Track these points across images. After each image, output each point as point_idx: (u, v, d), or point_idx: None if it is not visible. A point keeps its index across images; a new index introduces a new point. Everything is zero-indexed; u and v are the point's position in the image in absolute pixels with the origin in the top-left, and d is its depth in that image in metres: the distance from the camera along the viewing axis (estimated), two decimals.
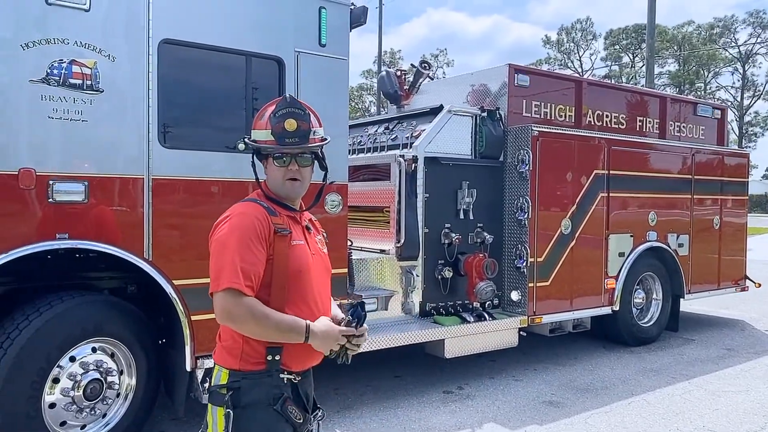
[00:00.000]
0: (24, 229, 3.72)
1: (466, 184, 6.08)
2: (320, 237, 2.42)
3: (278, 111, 2.18)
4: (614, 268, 7.03)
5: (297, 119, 2.16)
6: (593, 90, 7.45)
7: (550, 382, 6.04)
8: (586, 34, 56.74)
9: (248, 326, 2.05)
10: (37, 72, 3.74)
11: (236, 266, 2.01)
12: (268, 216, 2.14)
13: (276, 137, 2.16)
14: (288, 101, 2.20)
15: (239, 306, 2.01)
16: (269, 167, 2.24)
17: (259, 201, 2.21)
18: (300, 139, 2.16)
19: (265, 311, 2.05)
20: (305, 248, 2.22)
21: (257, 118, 2.28)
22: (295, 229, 2.21)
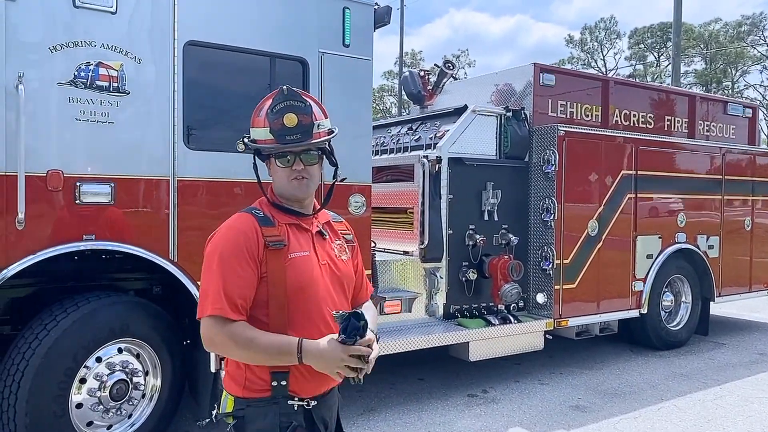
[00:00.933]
0: (51, 230, 3.76)
1: (490, 185, 6.01)
2: (340, 242, 2.17)
3: (275, 105, 1.95)
4: (642, 271, 6.89)
5: (297, 113, 1.94)
6: (620, 89, 7.32)
7: (576, 386, 5.94)
8: (610, 33, 56.03)
9: (234, 353, 1.89)
10: (64, 74, 3.78)
11: (219, 290, 1.86)
12: (259, 228, 1.94)
13: (276, 135, 1.96)
14: (285, 93, 1.96)
15: (221, 333, 1.85)
16: (272, 168, 2.05)
17: (254, 210, 2.02)
18: (302, 135, 1.96)
19: (249, 335, 1.85)
20: (309, 260, 2.00)
21: (254, 115, 2.06)
22: (298, 238, 2.00)
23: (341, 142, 4.72)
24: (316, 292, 1.98)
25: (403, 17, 35.27)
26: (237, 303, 1.87)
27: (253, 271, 1.90)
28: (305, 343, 1.86)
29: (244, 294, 1.88)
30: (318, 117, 2.00)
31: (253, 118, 2.05)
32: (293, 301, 1.94)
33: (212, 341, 1.89)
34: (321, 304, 1.98)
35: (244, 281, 1.88)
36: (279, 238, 1.95)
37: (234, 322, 1.86)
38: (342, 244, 2.17)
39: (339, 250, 2.14)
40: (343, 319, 1.82)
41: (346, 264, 2.14)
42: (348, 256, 2.16)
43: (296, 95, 1.97)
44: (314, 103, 2.02)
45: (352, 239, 2.24)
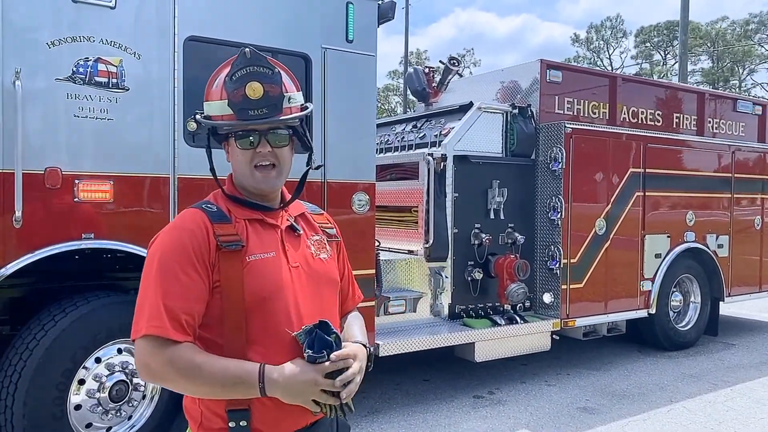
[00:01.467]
0: (50, 228, 3.69)
1: (496, 183, 5.92)
2: (318, 237, 1.79)
3: (236, 72, 1.58)
4: (650, 270, 6.79)
5: (263, 82, 1.57)
6: (628, 86, 7.22)
7: (584, 387, 5.85)
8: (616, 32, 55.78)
9: (178, 384, 1.50)
10: (63, 70, 3.71)
11: (158, 304, 1.47)
12: (211, 225, 1.57)
13: (235, 109, 1.58)
14: (248, 57, 1.59)
15: (159, 358, 1.46)
16: (232, 151, 1.66)
17: (205, 204, 1.64)
18: (270, 110, 1.58)
19: (196, 361, 1.46)
20: (276, 263, 1.61)
21: (209, 85, 1.68)
22: (261, 237, 1.64)
23: (345, 139, 4.72)
24: (285, 303, 1.59)
25: (408, 16, 35.21)
26: (181, 319, 1.48)
27: (202, 280, 1.53)
28: (268, 369, 1.48)
29: (191, 308, 1.50)
30: (289, 88, 1.65)
31: (207, 89, 1.68)
32: (255, 316, 1.55)
33: (148, 369, 1.49)
34: (292, 318, 1.59)
35: (191, 292, 1.51)
36: (234, 237, 1.58)
37: (177, 344, 1.47)
38: (321, 239, 1.79)
39: (317, 247, 1.76)
40: (307, 332, 1.49)
41: (326, 264, 1.75)
42: (329, 254, 1.78)
43: (262, 60, 1.60)
44: (284, 72, 1.67)
45: (335, 234, 1.87)
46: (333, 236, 1.86)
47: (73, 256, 3.97)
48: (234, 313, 1.55)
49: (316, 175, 4.56)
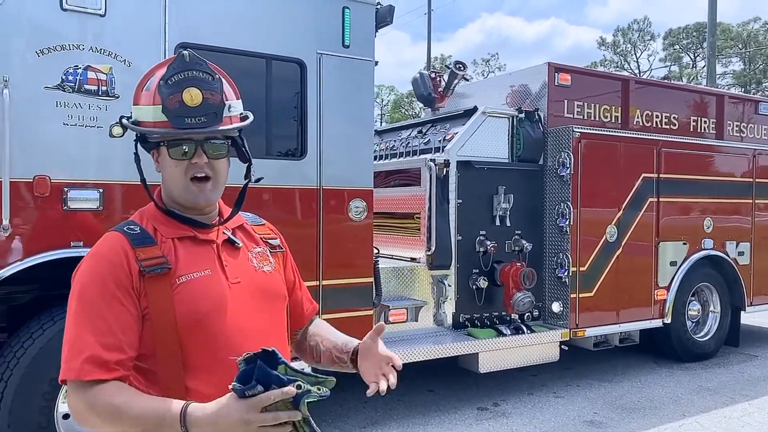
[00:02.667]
0: (39, 236, 3.69)
1: (502, 189, 5.79)
2: (260, 249, 1.67)
3: (172, 76, 1.47)
4: (665, 278, 6.56)
5: (202, 88, 1.47)
6: (642, 89, 7.02)
7: (593, 399, 5.66)
8: (643, 35, 54.92)
9: (103, 429, 1.39)
10: (52, 78, 3.71)
11: (77, 345, 1.38)
12: (132, 250, 1.45)
13: (170, 116, 1.46)
14: (187, 60, 1.48)
15: (82, 402, 1.37)
16: (163, 161, 1.52)
17: (127, 227, 1.51)
18: (208, 119, 1.48)
19: (115, 403, 1.34)
20: (212, 281, 1.50)
21: (139, 87, 1.54)
22: (194, 255, 1.52)
23: (342, 145, 4.64)
24: (225, 323, 1.47)
25: (431, 22, 35.16)
26: (105, 358, 1.36)
27: (128, 310, 1.42)
28: (191, 408, 1.31)
29: (117, 342, 1.39)
30: (230, 96, 1.55)
31: (136, 92, 1.55)
32: (191, 341, 1.44)
33: (77, 414, 1.40)
34: (234, 338, 1.47)
35: (117, 325, 1.39)
36: (159, 260, 1.45)
37: (100, 383, 1.36)
38: (263, 251, 1.67)
39: (259, 259, 1.64)
40: (246, 360, 1.27)
41: (270, 276, 1.64)
42: (273, 266, 1.67)
43: (202, 64, 1.50)
44: (224, 79, 1.57)
45: (279, 244, 1.75)
46: (277, 247, 1.74)
47: (70, 264, 3.97)
48: (166, 340, 1.43)
49: (311, 181, 4.51)
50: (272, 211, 4.16)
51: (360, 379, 1.66)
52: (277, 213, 4.24)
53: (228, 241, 1.61)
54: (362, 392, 1.54)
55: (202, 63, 1.50)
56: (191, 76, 1.47)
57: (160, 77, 1.49)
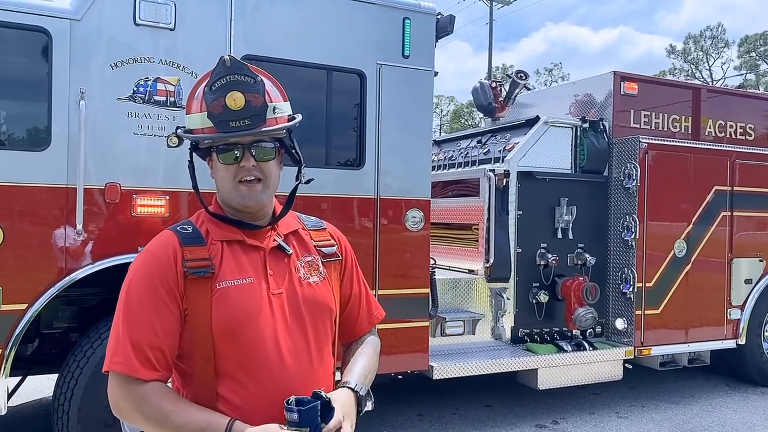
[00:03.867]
0: (108, 241, 3.85)
1: (564, 201, 5.65)
2: (310, 258, 1.64)
3: (215, 82, 1.49)
4: (739, 297, 6.22)
5: (244, 91, 1.48)
6: (714, 98, 6.71)
7: (659, 422, 5.41)
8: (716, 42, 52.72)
9: (142, 426, 1.42)
10: (124, 90, 3.88)
11: (125, 339, 1.41)
12: (181, 249, 1.48)
13: (215, 121, 1.49)
14: (228, 65, 1.49)
15: (127, 397, 1.40)
16: (215, 166, 1.56)
17: (181, 226, 1.56)
18: (252, 120, 1.49)
19: (164, 409, 1.38)
20: (252, 289, 1.50)
21: (190, 97, 1.59)
22: (239, 261, 1.53)
23: (400, 155, 4.64)
24: (260, 334, 1.47)
25: (492, 31, 34.87)
26: (149, 355, 1.41)
27: (171, 311, 1.45)
28: (236, 426, 1.36)
29: (159, 343, 1.42)
30: (274, 98, 1.54)
31: (188, 101, 1.59)
32: (224, 348, 1.46)
33: (117, 407, 1.44)
34: (270, 350, 1.47)
35: (159, 326, 1.43)
36: (204, 262, 1.47)
37: (145, 383, 1.40)
38: (313, 261, 1.64)
39: (307, 270, 1.61)
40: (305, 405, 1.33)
41: (317, 289, 1.60)
42: (322, 277, 1.63)
43: (243, 68, 1.50)
44: (269, 81, 1.57)
45: (335, 253, 1.70)
46: (331, 255, 1.69)
47: None
48: (202, 344, 1.45)
49: (369, 191, 4.52)
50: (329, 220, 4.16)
51: (414, 389, 1.63)
52: (335, 222, 4.20)
53: (278, 248, 1.60)
54: (416, 404, 1.51)
55: (243, 67, 1.51)
56: (233, 81, 1.49)
57: (205, 85, 1.53)
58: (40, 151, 3.71)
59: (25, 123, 3.86)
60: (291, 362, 1.50)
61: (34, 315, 3.66)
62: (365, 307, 1.83)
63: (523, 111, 6.93)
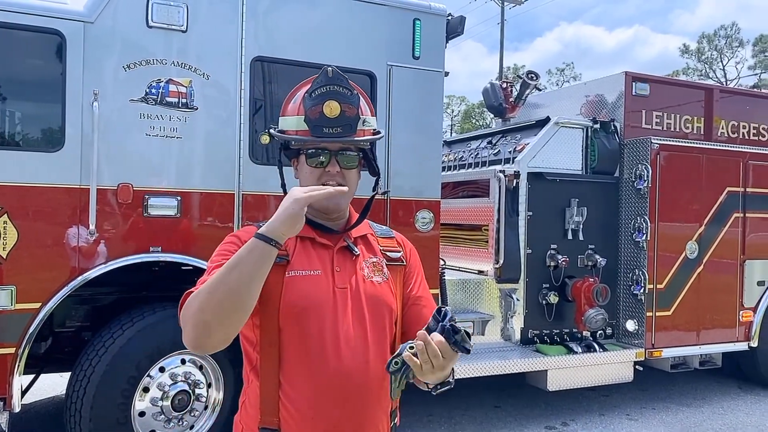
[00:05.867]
0: (121, 241, 3.89)
1: (575, 202, 5.63)
2: (375, 260, 1.72)
3: (315, 89, 1.60)
4: (752, 299, 6.18)
5: (341, 101, 1.58)
6: (727, 99, 6.66)
7: (670, 424, 5.38)
8: (731, 41, 52.24)
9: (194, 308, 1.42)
10: (137, 91, 3.92)
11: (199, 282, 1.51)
12: None
13: (311, 125, 1.59)
14: (330, 76, 1.60)
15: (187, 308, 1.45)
16: (300, 168, 1.67)
17: (261, 222, 1.58)
18: (344, 129, 1.59)
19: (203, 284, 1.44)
20: (318, 281, 1.60)
21: (287, 100, 1.70)
22: (310, 255, 1.63)
23: (410, 156, 4.65)
24: (321, 323, 1.56)
25: (503, 31, 34.77)
26: None
27: None
28: (262, 228, 1.45)
29: None
30: (364, 111, 1.65)
31: (285, 104, 1.70)
32: (286, 335, 1.56)
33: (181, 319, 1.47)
34: (327, 339, 1.56)
35: None
36: (281, 252, 1.53)
37: None
38: (378, 262, 1.71)
39: (371, 269, 1.69)
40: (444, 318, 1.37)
41: (379, 287, 1.68)
42: (384, 278, 1.70)
43: (342, 80, 1.61)
44: (361, 95, 1.67)
45: (399, 258, 1.76)
46: (395, 260, 1.76)
47: (151, 268, 4.18)
48: (268, 328, 1.56)
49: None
50: None
51: (423, 392, 1.64)
52: None
53: (346, 248, 1.69)
54: (426, 405, 1.54)
55: (343, 79, 1.62)
56: (332, 90, 1.59)
57: (306, 91, 1.63)
58: (54, 151, 3.75)
59: (39, 124, 3.91)
60: (346, 353, 1.57)
61: (47, 314, 3.71)
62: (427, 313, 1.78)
63: (534, 111, 6.91)
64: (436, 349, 1.32)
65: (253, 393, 1.62)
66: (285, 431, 1.55)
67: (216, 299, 1.39)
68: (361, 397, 1.59)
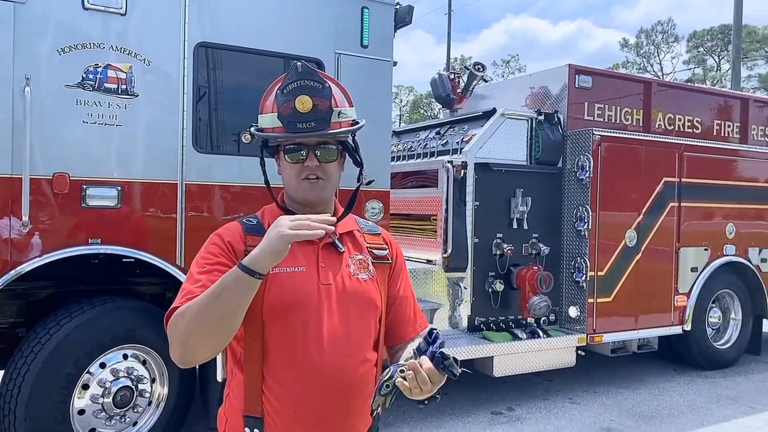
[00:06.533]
0: (57, 233, 3.72)
1: (520, 192, 5.74)
2: (361, 257, 1.72)
3: (286, 86, 1.59)
4: (686, 284, 6.46)
5: (312, 95, 1.58)
6: (664, 92, 6.91)
7: (610, 406, 5.58)
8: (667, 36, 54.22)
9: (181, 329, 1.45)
10: (72, 77, 3.75)
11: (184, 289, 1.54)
12: (244, 236, 1.62)
13: (284, 122, 1.60)
14: (300, 71, 1.59)
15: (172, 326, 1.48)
16: (281, 164, 1.69)
17: (247, 218, 1.69)
18: (318, 123, 1.59)
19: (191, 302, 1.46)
20: (303, 277, 1.60)
21: (264, 98, 1.70)
22: (294, 251, 1.55)
23: (359, 145, 4.62)
24: (305, 319, 1.57)
25: (451, 22, 35.06)
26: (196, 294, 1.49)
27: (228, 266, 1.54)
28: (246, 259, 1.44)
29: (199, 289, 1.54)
30: (339, 103, 1.65)
31: (261, 102, 1.70)
32: (271, 331, 1.56)
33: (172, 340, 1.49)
34: (311, 335, 1.57)
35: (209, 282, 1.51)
36: None
37: None
38: (364, 259, 1.72)
39: (357, 266, 1.69)
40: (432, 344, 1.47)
41: (364, 284, 1.68)
42: (370, 275, 1.70)
43: (313, 74, 1.60)
44: (336, 87, 1.67)
45: (386, 256, 1.78)
46: (381, 258, 1.77)
47: (90, 261, 4.03)
48: (252, 325, 1.55)
49: None
50: None
51: None
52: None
53: (332, 244, 1.69)
54: None
55: (314, 73, 1.61)
56: (303, 85, 1.59)
57: (278, 88, 1.64)
58: None
59: None
60: (330, 348, 1.59)
61: None
62: (411, 314, 1.85)
63: (481, 103, 6.99)
64: (426, 377, 1.40)
65: (237, 385, 1.63)
66: (268, 421, 1.58)
67: (200, 325, 1.43)
68: (344, 393, 1.60)
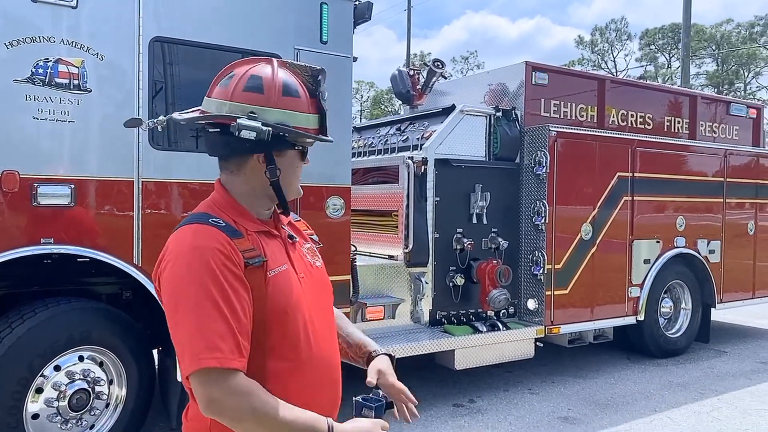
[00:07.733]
0: (7, 233, 3.60)
1: (479, 187, 5.82)
2: (309, 245, 1.75)
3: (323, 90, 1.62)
4: (639, 276, 6.66)
5: None
6: (617, 89, 7.10)
7: (568, 396, 5.72)
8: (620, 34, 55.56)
9: (245, 425, 1.38)
10: (21, 71, 3.63)
11: (211, 330, 1.35)
12: (231, 241, 1.45)
13: (321, 124, 1.60)
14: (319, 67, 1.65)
15: (230, 392, 1.35)
16: (290, 162, 1.60)
17: (211, 219, 1.49)
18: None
19: (270, 401, 1.38)
20: (288, 275, 1.56)
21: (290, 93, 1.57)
22: (272, 250, 1.55)
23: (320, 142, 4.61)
24: (302, 317, 1.55)
25: (410, 18, 35.17)
26: (240, 343, 1.38)
27: (245, 298, 1.43)
28: (336, 427, 1.45)
29: (247, 329, 1.42)
30: None
31: (290, 98, 1.56)
32: (275, 330, 1.50)
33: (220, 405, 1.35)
34: (301, 324, 1.55)
35: (244, 312, 1.42)
36: (255, 252, 1.48)
37: (238, 373, 1.37)
38: (311, 247, 1.77)
39: (311, 255, 1.72)
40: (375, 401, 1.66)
41: (322, 271, 1.73)
42: (321, 261, 1.75)
43: None
44: None
45: (317, 240, 1.85)
46: (316, 242, 1.83)
47: (43, 261, 3.91)
48: (256, 328, 1.47)
49: None
50: None
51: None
52: None
53: (289, 237, 1.68)
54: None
55: None
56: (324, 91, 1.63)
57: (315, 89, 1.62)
58: None
59: None
60: (322, 338, 1.62)
61: None
62: None
63: (441, 99, 7.05)
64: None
65: None
66: None
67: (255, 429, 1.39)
68: (337, 377, 1.69)
